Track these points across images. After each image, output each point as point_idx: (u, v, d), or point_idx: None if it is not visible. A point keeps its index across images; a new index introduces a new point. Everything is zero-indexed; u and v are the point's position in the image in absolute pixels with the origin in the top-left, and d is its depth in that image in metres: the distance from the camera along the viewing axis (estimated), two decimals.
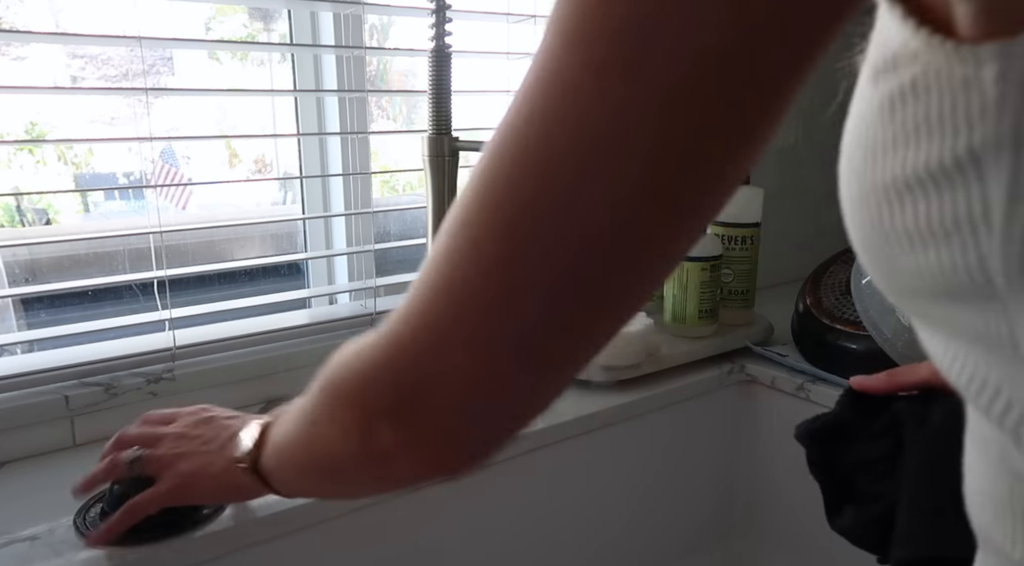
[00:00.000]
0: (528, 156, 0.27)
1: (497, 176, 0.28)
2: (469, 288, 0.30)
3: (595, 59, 0.25)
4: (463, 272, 0.30)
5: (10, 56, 0.81)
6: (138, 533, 0.59)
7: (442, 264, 0.30)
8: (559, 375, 0.34)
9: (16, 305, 0.85)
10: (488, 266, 0.29)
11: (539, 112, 0.27)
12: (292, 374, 0.87)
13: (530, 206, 0.28)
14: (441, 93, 0.72)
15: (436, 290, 0.31)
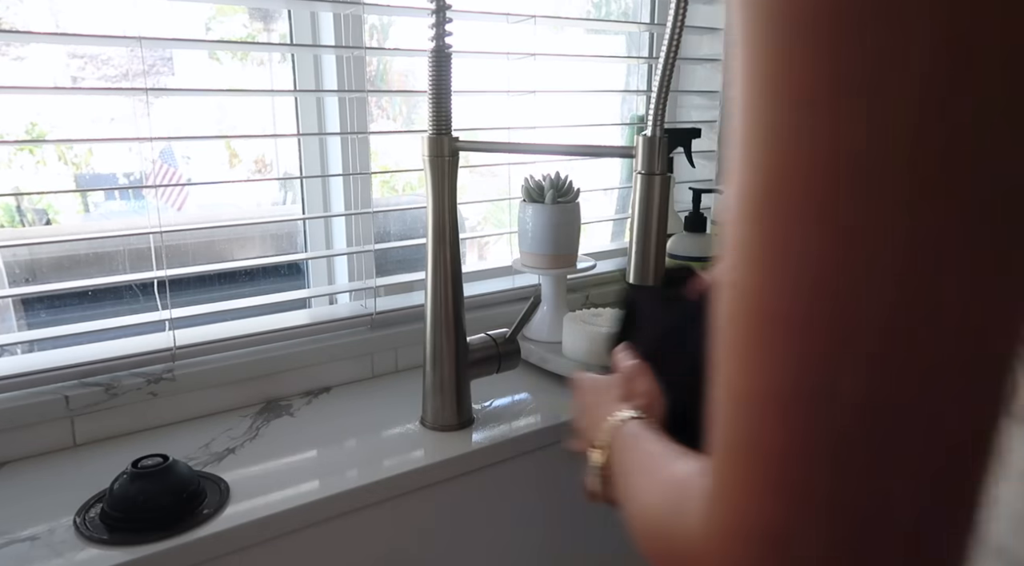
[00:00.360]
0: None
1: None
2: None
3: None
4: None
5: (10, 56, 0.81)
6: (138, 533, 0.59)
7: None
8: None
9: (16, 305, 0.85)
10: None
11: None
12: (292, 374, 0.87)
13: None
14: (441, 93, 0.72)
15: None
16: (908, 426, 0.23)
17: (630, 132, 1.26)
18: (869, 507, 0.23)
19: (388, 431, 0.79)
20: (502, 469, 0.78)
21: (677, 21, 0.55)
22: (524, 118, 1.03)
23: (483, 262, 1.17)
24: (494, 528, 0.80)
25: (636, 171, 0.62)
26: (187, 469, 0.65)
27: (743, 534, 0.26)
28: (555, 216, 0.94)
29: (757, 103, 0.24)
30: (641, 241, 0.63)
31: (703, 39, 1.23)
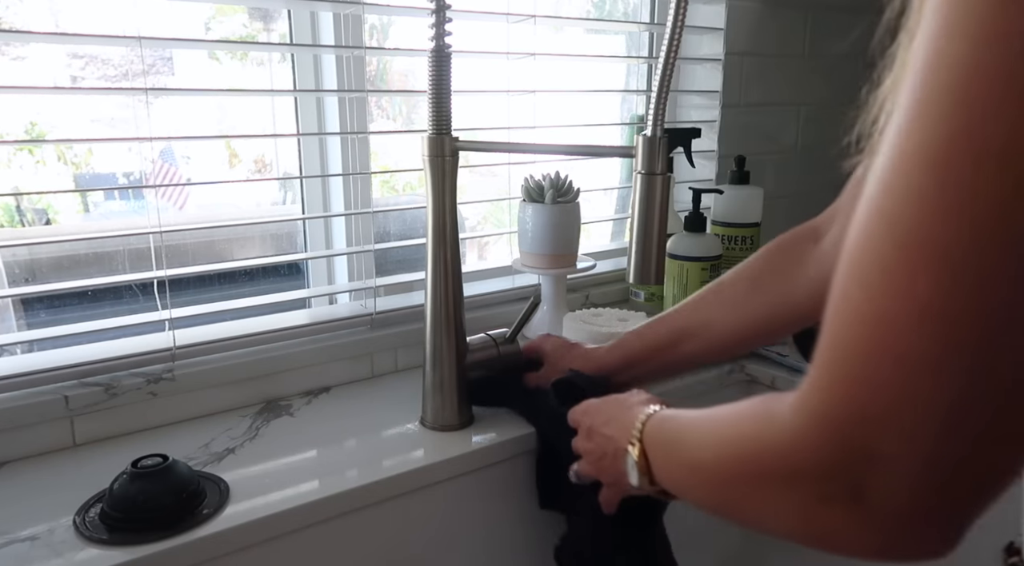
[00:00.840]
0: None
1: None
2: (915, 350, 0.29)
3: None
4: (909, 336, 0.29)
5: (10, 56, 0.81)
6: (138, 533, 0.59)
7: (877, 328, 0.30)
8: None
9: (16, 305, 0.85)
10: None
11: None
12: (292, 374, 0.87)
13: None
14: (441, 93, 0.72)
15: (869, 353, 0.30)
16: (1011, 349, 0.28)
17: (630, 132, 1.26)
18: (953, 415, 0.28)
19: (388, 431, 0.79)
20: (502, 469, 0.78)
21: (677, 21, 0.55)
22: (524, 118, 1.03)
23: (483, 262, 1.17)
24: (494, 528, 0.80)
25: (636, 171, 0.62)
26: (187, 469, 0.65)
27: (839, 418, 0.31)
28: (555, 216, 0.94)
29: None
30: (641, 241, 0.63)
31: (703, 39, 1.23)
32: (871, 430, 0.30)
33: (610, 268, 1.16)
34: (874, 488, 0.31)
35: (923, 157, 0.28)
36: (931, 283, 0.28)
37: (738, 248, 1.08)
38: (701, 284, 0.99)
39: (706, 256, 1.02)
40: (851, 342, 0.31)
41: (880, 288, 0.30)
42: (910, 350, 0.29)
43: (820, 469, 0.33)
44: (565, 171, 0.97)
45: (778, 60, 1.29)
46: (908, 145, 0.29)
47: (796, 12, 1.28)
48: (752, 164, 1.15)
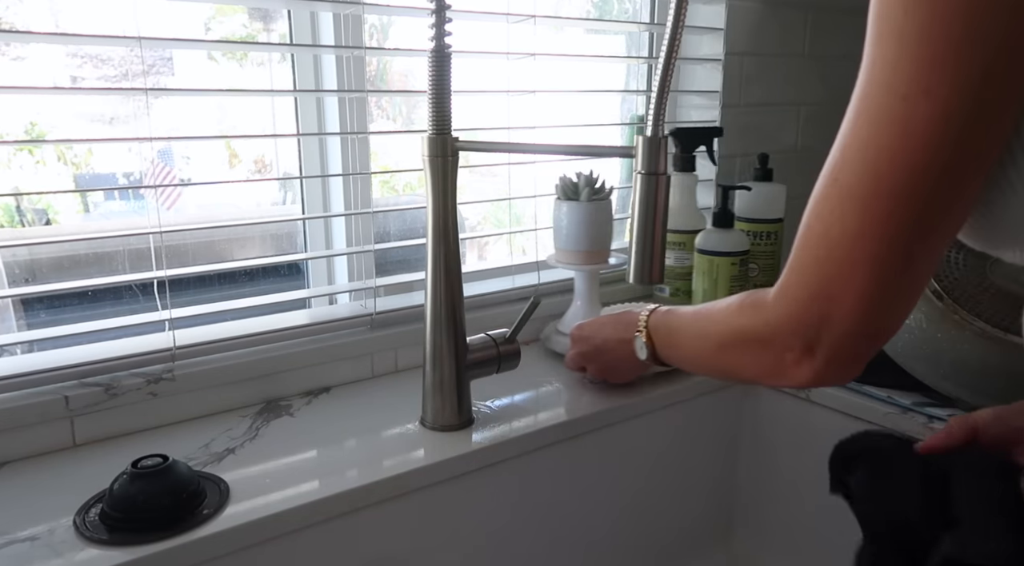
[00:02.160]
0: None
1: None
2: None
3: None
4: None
5: (10, 56, 0.81)
6: (138, 533, 0.59)
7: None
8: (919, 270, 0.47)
9: (16, 305, 0.85)
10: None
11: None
12: (292, 374, 0.87)
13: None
14: (441, 93, 0.72)
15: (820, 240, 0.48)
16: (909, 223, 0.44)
17: (630, 132, 1.26)
18: (872, 278, 0.46)
19: (388, 431, 0.79)
20: (502, 469, 0.78)
21: (677, 21, 0.55)
22: (524, 118, 1.03)
23: (483, 262, 1.17)
24: (494, 528, 0.80)
25: (636, 171, 0.62)
26: (187, 469, 0.65)
27: (802, 296, 0.50)
28: (590, 213, 0.97)
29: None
30: (641, 241, 0.63)
31: (703, 39, 1.23)
32: (821, 303, 0.48)
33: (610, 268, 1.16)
34: (823, 341, 0.49)
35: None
36: (856, 220, 0.45)
37: (763, 243, 1.11)
38: (731, 278, 1.00)
39: (735, 251, 1.04)
40: (807, 252, 0.49)
41: (825, 220, 0.47)
42: (842, 256, 0.46)
43: (790, 331, 0.51)
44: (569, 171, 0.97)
45: (778, 60, 1.29)
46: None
47: (796, 12, 1.28)
48: (752, 164, 1.15)
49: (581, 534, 0.88)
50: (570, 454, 0.84)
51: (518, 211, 1.14)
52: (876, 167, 0.43)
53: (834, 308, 0.48)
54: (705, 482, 1.00)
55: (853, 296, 0.47)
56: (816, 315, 0.49)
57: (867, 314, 0.47)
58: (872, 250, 0.45)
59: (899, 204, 0.43)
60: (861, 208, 0.44)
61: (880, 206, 0.44)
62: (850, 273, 0.46)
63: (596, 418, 0.84)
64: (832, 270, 0.47)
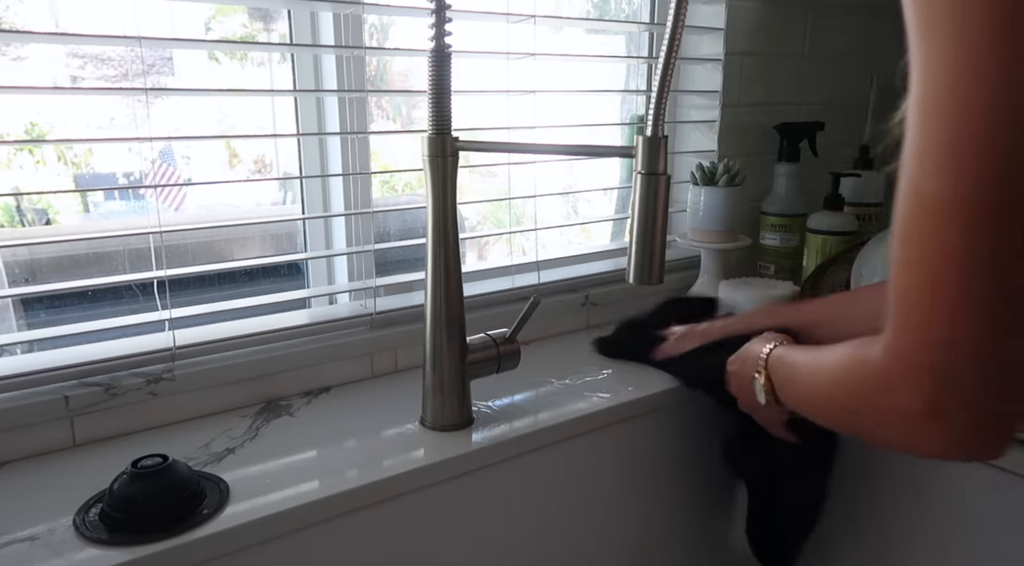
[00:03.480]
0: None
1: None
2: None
3: None
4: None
5: (10, 56, 0.81)
6: (138, 533, 0.59)
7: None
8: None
9: (16, 305, 0.85)
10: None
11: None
12: (292, 374, 0.87)
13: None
14: (441, 93, 0.72)
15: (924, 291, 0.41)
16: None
17: (630, 132, 1.26)
18: (995, 331, 0.39)
19: (388, 431, 0.79)
20: (502, 469, 0.78)
21: (677, 21, 0.55)
22: (524, 118, 1.03)
23: (483, 262, 1.17)
24: (494, 528, 0.80)
25: (636, 171, 0.62)
26: (187, 469, 0.65)
27: (910, 349, 0.42)
28: (726, 197, 1.11)
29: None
30: (641, 241, 0.63)
31: (703, 39, 1.23)
32: (936, 353, 0.41)
33: (610, 268, 1.16)
34: (945, 402, 0.41)
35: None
36: (955, 235, 0.38)
37: (866, 224, 1.24)
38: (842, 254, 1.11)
39: (846, 231, 1.15)
40: (907, 290, 0.41)
41: (919, 245, 0.40)
42: (948, 286, 0.39)
43: (904, 392, 0.43)
44: (571, 169, 0.97)
45: (778, 60, 1.29)
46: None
47: (796, 12, 1.28)
48: (751, 164, 1.15)
49: (581, 534, 0.88)
50: (570, 454, 0.84)
51: (518, 211, 1.14)
52: (957, 168, 0.38)
53: (955, 353, 0.40)
54: (710, 483, 1.00)
55: (971, 333, 0.39)
56: (929, 363, 0.41)
57: (992, 358, 0.40)
58: (984, 264, 0.38)
59: (999, 199, 0.37)
60: (956, 217, 0.38)
61: (977, 209, 0.37)
62: (963, 301, 0.39)
63: (597, 418, 0.84)
64: (935, 301, 0.40)
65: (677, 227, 1.28)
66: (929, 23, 0.38)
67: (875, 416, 0.48)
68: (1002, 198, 0.37)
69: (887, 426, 0.47)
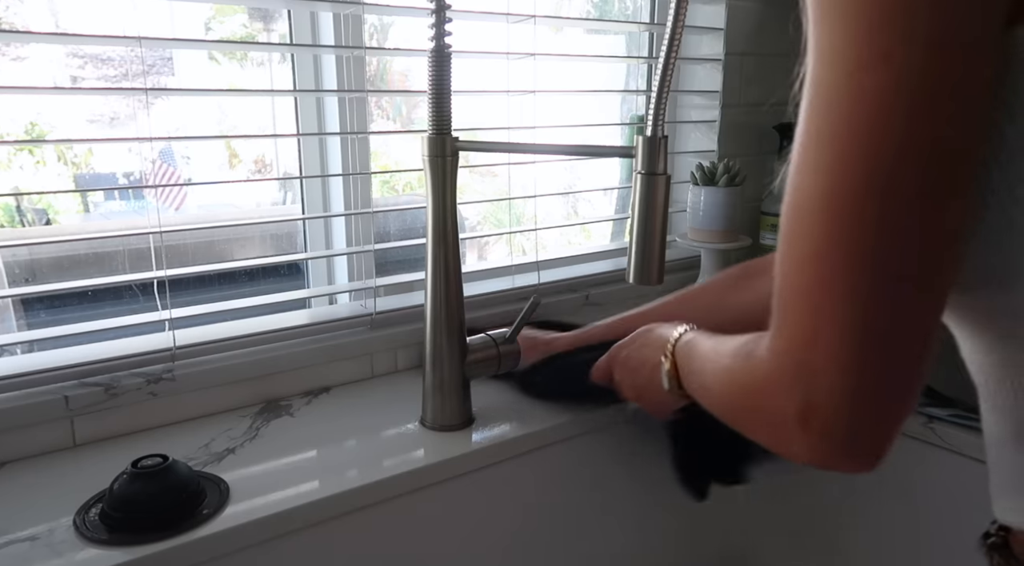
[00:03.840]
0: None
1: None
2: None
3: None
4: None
5: (10, 56, 0.81)
6: (138, 533, 0.59)
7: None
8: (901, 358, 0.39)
9: (16, 305, 0.85)
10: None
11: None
12: (292, 374, 0.87)
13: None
14: (441, 93, 0.72)
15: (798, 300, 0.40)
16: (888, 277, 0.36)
17: (630, 132, 1.26)
18: (857, 330, 0.37)
19: (388, 431, 0.79)
20: (502, 469, 0.78)
21: (677, 21, 0.55)
22: (524, 118, 1.03)
23: (483, 262, 1.17)
24: (494, 528, 0.80)
25: (636, 171, 0.62)
26: (187, 469, 0.65)
27: (785, 349, 0.40)
28: (725, 197, 1.11)
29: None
30: (641, 241, 0.63)
31: (703, 39, 1.23)
32: (804, 354, 0.39)
33: (610, 268, 1.16)
34: (815, 408, 0.39)
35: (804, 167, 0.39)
36: (822, 232, 0.37)
37: None
38: None
39: None
40: (782, 293, 0.40)
41: (791, 241, 0.39)
42: (814, 285, 0.38)
43: (778, 394, 0.41)
44: (572, 169, 0.97)
45: (778, 60, 1.29)
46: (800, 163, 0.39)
47: (796, 12, 1.28)
48: (751, 164, 1.15)
49: (582, 534, 0.88)
50: (570, 454, 0.84)
51: (518, 211, 1.14)
52: (830, 162, 0.36)
53: (813, 357, 0.39)
54: None
55: (831, 340, 0.38)
56: (799, 365, 0.40)
57: (853, 363, 0.37)
58: (846, 270, 0.37)
59: (862, 206, 0.36)
60: (823, 217, 0.37)
61: (841, 211, 0.36)
62: (827, 304, 0.37)
63: (597, 418, 0.84)
64: (804, 302, 0.39)
65: (677, 227, 1.28)
66: (821, 6, 0.38)
67: (755, 415, 0.46)
68: (869, 197, 0.35)
69: (765, 427, 0.45)
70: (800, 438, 0.41)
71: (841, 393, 0.38)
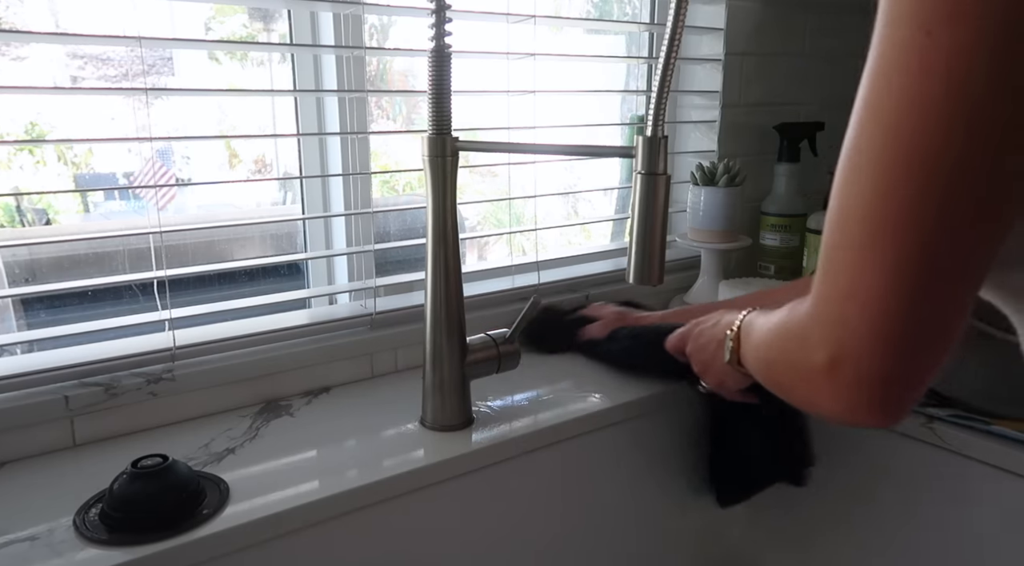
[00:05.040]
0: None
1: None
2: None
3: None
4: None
5: (10, 56, 0.81)
6: (138, 533, 0.59)
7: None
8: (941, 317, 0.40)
9: (16, 305, 0.85)
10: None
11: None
12: (292, 374, 0.87)
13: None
14: (441, 93, 0.72)
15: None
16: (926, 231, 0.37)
17: (630, 132, 1.26)
18: (891, 288, 0.38)
19: (388, 431, 0.79)
20: (502, 469, 0.78)
21: (677, 21, 0.55)
22: (524, 118, 1.03)
23: (483, 262, 1.17)
24: (494, 528, 0.80)
25: (636, 171, 0.62)
26: (187, 469, 0.65)
27: (827, 299, 0.42)
28: (725, 197, 1.12)
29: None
30: (641, 242, 0.63)
31: (703, 39, 1.23)
32: (838, 304, 0.41)
33: (610, 268, 1.16)
34: (846, 354, 0.41)
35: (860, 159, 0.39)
36: (871, 191, 0.38)
37: None
38: None
39: None
40: (827, 245, 0.41)
41: (841, 207, 0.40)
42: (857, 214, 0.39)
43: (812, 345, 0.43)
44: (573, 168, 0.97)
45: (778, 60, 1.29)
46: (854, 148, 0.39)
47: (796, 12, 1.28)
48: (751, 164, 1.15)
49: (582, 534, 0.88)
50: (570, 454, 0.84)
51: (518, 211, 1.14)
52: (893, 124, 0.36)
53: (850, 306, 0.40)
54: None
55: (870, 289, 0.39)
56: (836, 314, 0.41)
57: (887, 317, 0.39)
58: (892, 230, 0.37)
59: (921, 169, 0.36)
60: (879, 178, 0.37)
61: (899, 174, 0.36)
62: (869, 260, 0.38)
63: (596, 418, 0.84)
64: (849, 257, 0.40)
65: (677, 227, 1.28)
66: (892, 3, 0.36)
67: (789, 366, 0.48)
68: (942, 150, 0.35)
69: (797, 379, 0.47)
70: (828, 387, 0.42)
71: (872, 340, 0.39)
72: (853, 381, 0.41)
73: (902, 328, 0.39)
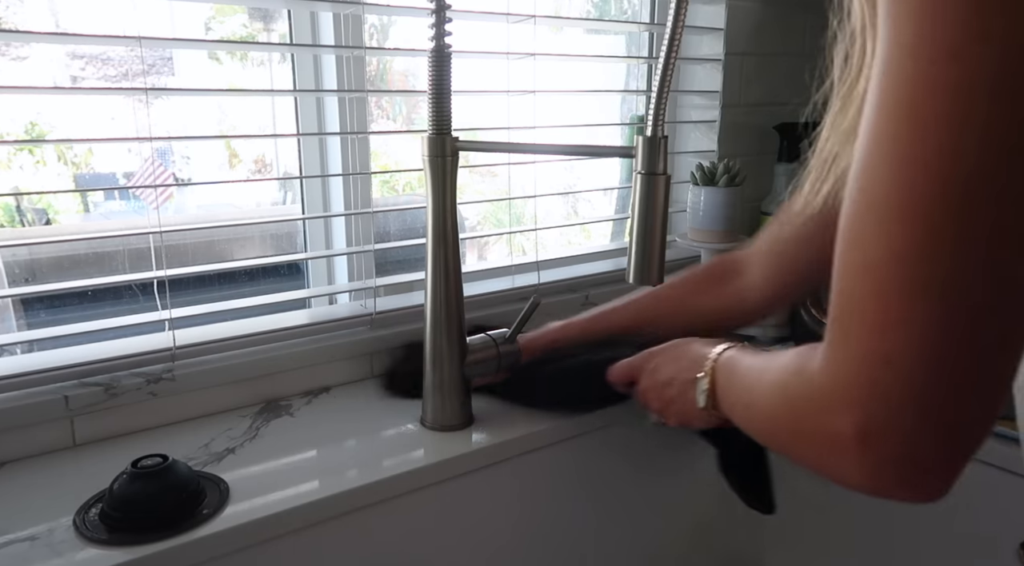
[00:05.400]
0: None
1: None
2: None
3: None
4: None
5: (10, 56, 0.81)
6: (138, 533, 0.59)
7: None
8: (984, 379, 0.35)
9: (16, 305, 0.85)
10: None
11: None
12: (292, 374, 0.87)
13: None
14: (441, 93, 0.72)
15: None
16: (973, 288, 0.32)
17: (630, 132, 1.26)
18: (932, 349, 0.33)
19: (388, 431, 0.79)
20: (502, 469, 0.78)
21: (677, 21, 0.55)
22: (524, 118, 1.03)
23: (483, 262, 1.17)
24: (494, 528, 0.80)
25: (636, 171, 0.62)
26: (187, 469, 0.65)
27: (854, 362, 0.36)
28: (725, 197, 1.11)
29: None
30: (641, 241, 0.63)
31: (703, 39, 1.23)
32: (871, 369, 0.35)
33: (610, 268, 1.16)
34: (879, 428, 0.36)
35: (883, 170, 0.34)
36: (900, 236, 0.33)
37: None
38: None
39: None
40: (845, 301, 0.37)
41: (861, 256, 0.35)
42: (887, 294, 0.34)
43: (836, 411, 0.37)
44: (573, 168, 0.97)
45: (778, 60, 1.29)
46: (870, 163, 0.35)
47: (796, 12, 1.28)
48: (751, 164, 1.15)
49: (582, 533, 0.88)
50: (571, 454, 0.84)
51: (518, 211, 1.14)
52: (902, 163, 0.33)
53: (883, 372, 0.35)
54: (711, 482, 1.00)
55: (908, 349, 0.34)
56: (865, 378, 0.36)
57: (930, 381, 0.34)
58: (929, 271, 0.33)
59: (947, 205, 0.32)
60: (904, 215, 0.33)
61: (927, 206, 0.32)
62: (903, 311, 0.34)
63: (598, 417, 0.84)
64: (875, 310, 0.35)
65: (677, 227, 1.28)
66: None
67: (802, 435, 0.42)
68: (961, 198, 0.32)
69: (814, 447, 0.41)
70: (855, 461, 0.37)
71: (913, 414, 0.34)
72: (887, 458, 0.36)
73: (949, 400, 0.34)
